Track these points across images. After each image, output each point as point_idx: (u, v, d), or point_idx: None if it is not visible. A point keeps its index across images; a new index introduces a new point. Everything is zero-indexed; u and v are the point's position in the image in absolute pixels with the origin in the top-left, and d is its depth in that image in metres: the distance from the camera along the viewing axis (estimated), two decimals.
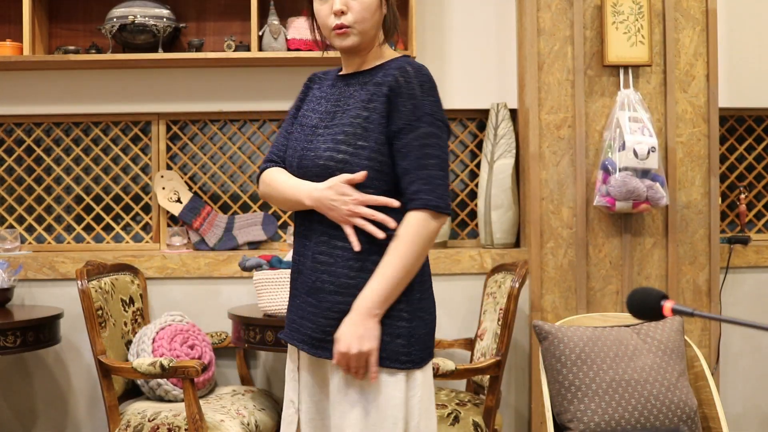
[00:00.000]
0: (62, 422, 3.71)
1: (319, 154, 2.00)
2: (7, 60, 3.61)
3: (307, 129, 2.08)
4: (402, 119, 1.96)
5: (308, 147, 2.04)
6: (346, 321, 1.93)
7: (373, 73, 2.06)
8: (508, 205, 3.74)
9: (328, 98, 2.10)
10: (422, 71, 2.00)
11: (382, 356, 1.94)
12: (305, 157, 2.03)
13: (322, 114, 2.07)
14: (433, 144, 1.96)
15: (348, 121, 2.00)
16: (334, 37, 2.04)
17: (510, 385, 3.71)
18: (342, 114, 2.03)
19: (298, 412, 2.05)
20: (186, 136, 3.95)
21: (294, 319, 2.06)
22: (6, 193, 3.96)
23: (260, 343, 3.20)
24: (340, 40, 2.03)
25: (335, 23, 2.01)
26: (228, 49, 3.67)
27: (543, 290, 3.58)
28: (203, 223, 3.82)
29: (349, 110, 2.03)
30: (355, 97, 2.04)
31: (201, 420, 2.90)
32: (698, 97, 3.60)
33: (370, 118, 1.98)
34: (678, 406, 3.08)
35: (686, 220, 3.60)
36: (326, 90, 2.13)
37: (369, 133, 1.97)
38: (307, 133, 2.07)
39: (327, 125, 2.04)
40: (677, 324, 3.26)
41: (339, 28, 2.01)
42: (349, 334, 1.91)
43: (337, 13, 2.00)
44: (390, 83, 1.97)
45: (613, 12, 3.53)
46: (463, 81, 3.86)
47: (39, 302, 3.68)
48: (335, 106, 2.07)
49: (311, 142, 2.04)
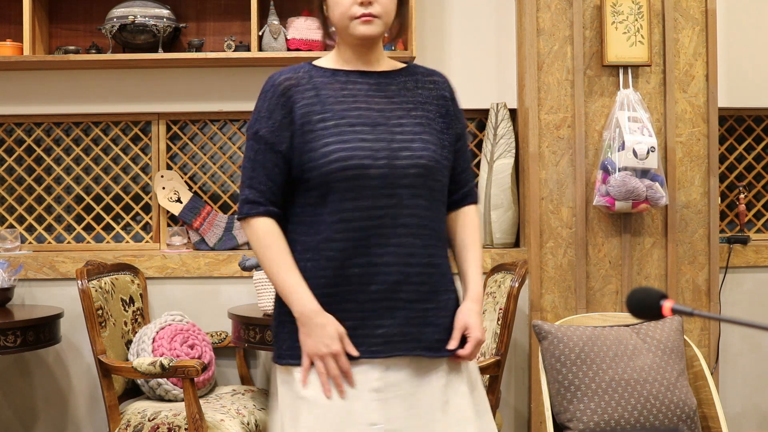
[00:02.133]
0: (62, 422, 3.71)
1: (416, 153, 1.97)
2: (7, 60, 3.61)
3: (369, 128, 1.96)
4: (459, 123, 2.12)
5: (393, 146, 1.95)
6: (470, 311, 2.02)
7: (404, 74, 2.08)
8: (507, 204, 3.74)
9: (369, 95, 2.02)
10: None
11: None
12: (396, 156, 1.94)
13: (382, 111, 2.00)
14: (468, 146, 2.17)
15: (420, 120, 2.03)
16: (358, 24, 1.98)
17: (510, 384, 3.71)
18: (407, 112, 2.03)
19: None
20: (186, 136, 3.95)
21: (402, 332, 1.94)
22: (6, 193, 3.96)
23: (260, 343, 3.20)
24: (365, 27, 1.98)
25: (362, 11, 1.98)
26: (228, 49, 3.67)
27: (542, 290, 3.58)
28: (203, 222, 3.83)
29: (412, 108, 2.04)
30: (406, 96, 2.05)
31: (201, 420, 2.90)
32: (698, 97, 3.60)
33: (440, 121, 2.07)
34: (677, 405, 3.08)
35: (686, 219, 3.60)
36: (349, 87, 2.02)
37: (442, 134, 2.06)
38: (377, 132, 1.96)
39: (399, 122, 1.99)
40: (677, 324, 3.27)
41: (366, 15, 1.98)
42: (479, 322, 2.01)
43: (364, 3, 1.98)
44: (448, 90, 2.13)
45: (613, 12, 3.53)
46: (462, 81, 3.82)
47: (39, 302, 3.68)
48: (390, 103, 2.02)
49: (394, 141, 1.96)
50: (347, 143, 1.92)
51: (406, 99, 2.04)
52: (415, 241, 1.94)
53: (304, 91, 1.99)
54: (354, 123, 1.95)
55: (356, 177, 1.91)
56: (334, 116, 1.96)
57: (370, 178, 1.91)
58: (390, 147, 1.94)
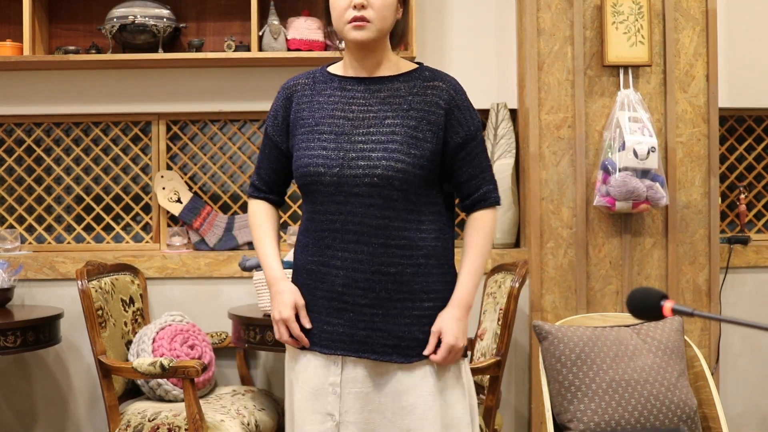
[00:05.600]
0: (62, 422, 3.71)
1: (373, 163, 1.99)
2: (7, 60, 3.61)
3: (334, 136, 2.03)
4: (464, 129, 2.08)
5: (350, 155, 2.01)
6: (448, 316, 2.05)
7: (402, 80, 2.07)
8: (508, 205, 3.74)
9: (349, 102, 2.06)
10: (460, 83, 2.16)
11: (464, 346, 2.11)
12: (349, 166, 2.00)
13: (352, 119, 2.04)
14: (485, 149, 2.16)
15: (395, 129, 2.01)
16: (350, 29, 2.01)
17: (510, 385, 3.71)
18: (381, 120, 2.02)
19: (338, 426, 2.03)
20: (186, 136, 3.95)
21: (349, 333, 2.04)
22: (6, 193, 3.96)
23: (260, 343, 3.20)
24: (356, 32, 2.01)
25: (353, 15, 2.00)
26: (228, 49, 3.67)
27: (543, 290, 3.58)
28: (203, 223, 3.82)
29: (390, 116, 2.02)
30: (391, 104, 2.04)
31: (201, 420, 2.90)
32: (698, 97, 3.60)
33: (423, 129, 2.03)
34: (678, 406, 3.08)
35: (686, 220, 3.60)
36: (338, 94, 2.08)
37: (422, 143, 2.02)
38: (339, 141, 2.03)
39: (367, 131, 2.02)
40: (677, 324, 3.26)
41: (357, 20, 2.00)
42: (456, 329, 2.04)
43: (357, 6, 1.99)
44: (446, 97, 2.07)
45: (613, 12, 3.53)
46: (463, 81, 3.78)
47: (39, 302, 3.68)
48: (367, 111, 2.04)
49: (353, 150, 2.01)
50: (311, 150, 2.05)
51: (389, 106, 2.04)
52: (364, 248, 2.02)
53: (302, 96, 2.12)
54: (323, 131, 2.06)
55: (313, 183, 2.05)
56: (311, 123, 2.08)
57: (324, 185, 2.03)
58: (346, 156, 2.01)
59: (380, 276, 2.01)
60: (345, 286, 2.02)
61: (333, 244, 2.03)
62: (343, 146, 2.02)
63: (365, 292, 2.02)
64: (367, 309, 2.02)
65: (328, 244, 2.04)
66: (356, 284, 2.02)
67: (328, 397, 2.04)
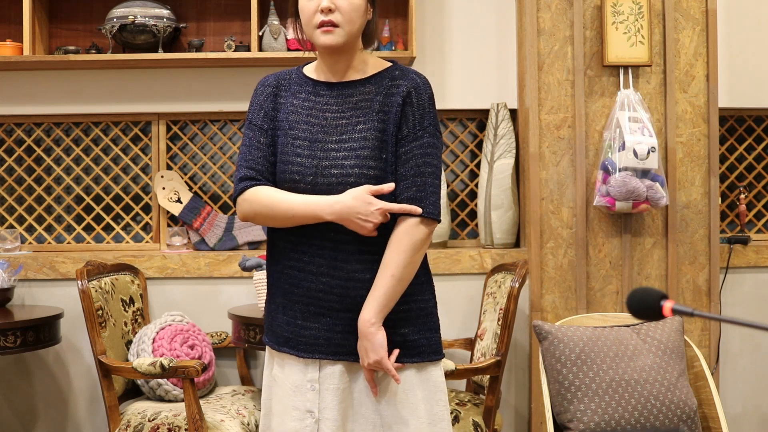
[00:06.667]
0: (62, 422, 3.71)
1: (346, 171, 1.98)
2: (7, 60, 3.61)
3: (308, 143, 2.03)
4: (408, 127, 2.02)
5: (323, 164, 2.00)
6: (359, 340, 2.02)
7: (373, 81, 2.05)
8: (508, 205, 3.74)
9: (323, 108, 2.06)
10: (429, 84, 2.08)
11: (430, 351, 2.07)
12: (323, 174, 1.99)
13: (326, 126, 2.03)
14: (432, 154, 2.03)
15: (366, 134, 2.00)
16: (319, 34, 2.01)
17: (510, 385, 3.71)
18: (353, 126, 2.02)
19: (317, 422, 2.04)
20: (186, 136, 3.95)
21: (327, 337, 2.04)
22: (6, 193, 3.96)
23: (260, 343, 3.19)
24: (325, 37, 2.01)
25: (321, 20, 1.99)
26: (228, 49, 3.67)
27: (543, 290, 3.58)
28: (203, 223, 3.82)
29: (362, 122, 2.01)
30: (362, 108, 2.03)
31: (201, 420, 2.90)
32: (698, 97, 3.60)
33: (386, 129, 2.01)
34: (678, 406, 3.08)
35: (686, 220, 3.60)
36: (312, 99, 2.08)
37: (386, 144, 2.01)
38: (313, 148, 2.02)
39: (340, 138, 2.01)
40: (677, 324, 3.26)
41: (325, 24, 1.99)
42: (364, 349, 2.00)
43: (324, 11, 1.99)
44: (403, 94, 2.02)
45: (613, 12, 3.53)
46: (462, 81, 3.86)
47: (39, 302, 3.68)
48: (340, 117, 2.03)
49: (326, 158, 2.00)
50: (286, 155, 2.04)
51: (361, 111, 2.03)
52: (338, 254, 2.01)
53: (285, 95, 2.10)
54: (298, 137, 2.04)
55: (289, 189, 2.02)
56: (286, 126, 2.06)
57: (299, 191, 2.01)
58: (320, 165, 2.00)
59: (355, 283, 2.02)
60: (322, 292, 2.02)
61: (309, 250, 2.03)
62: (317, 154, 2.01)
63: (341, 298, 2.02)
64: (342, 314, 2.02)
65: (304, 250, 2.03)
66: (332, 290, 2.02)
67: (307, 394, 2.06)
